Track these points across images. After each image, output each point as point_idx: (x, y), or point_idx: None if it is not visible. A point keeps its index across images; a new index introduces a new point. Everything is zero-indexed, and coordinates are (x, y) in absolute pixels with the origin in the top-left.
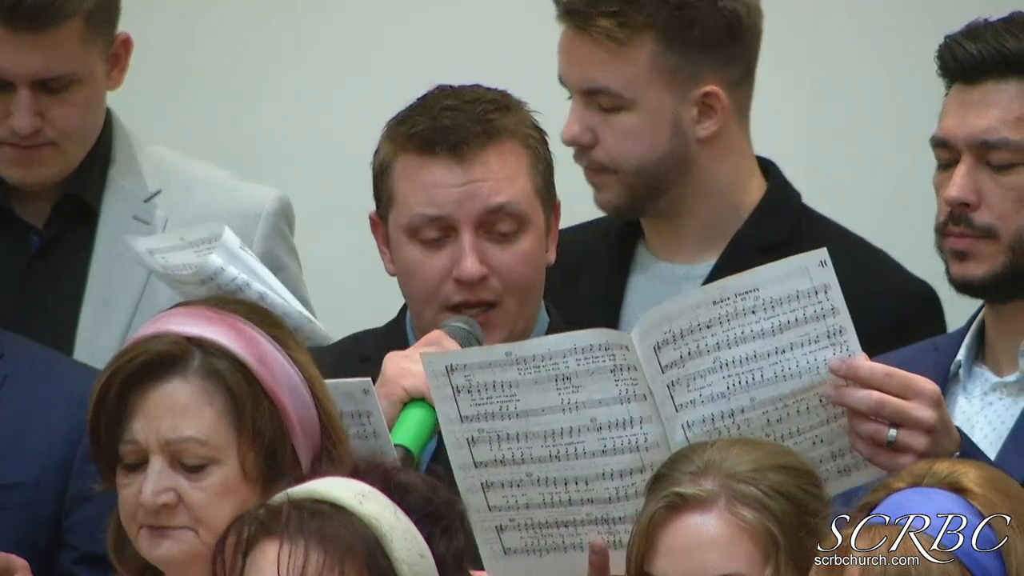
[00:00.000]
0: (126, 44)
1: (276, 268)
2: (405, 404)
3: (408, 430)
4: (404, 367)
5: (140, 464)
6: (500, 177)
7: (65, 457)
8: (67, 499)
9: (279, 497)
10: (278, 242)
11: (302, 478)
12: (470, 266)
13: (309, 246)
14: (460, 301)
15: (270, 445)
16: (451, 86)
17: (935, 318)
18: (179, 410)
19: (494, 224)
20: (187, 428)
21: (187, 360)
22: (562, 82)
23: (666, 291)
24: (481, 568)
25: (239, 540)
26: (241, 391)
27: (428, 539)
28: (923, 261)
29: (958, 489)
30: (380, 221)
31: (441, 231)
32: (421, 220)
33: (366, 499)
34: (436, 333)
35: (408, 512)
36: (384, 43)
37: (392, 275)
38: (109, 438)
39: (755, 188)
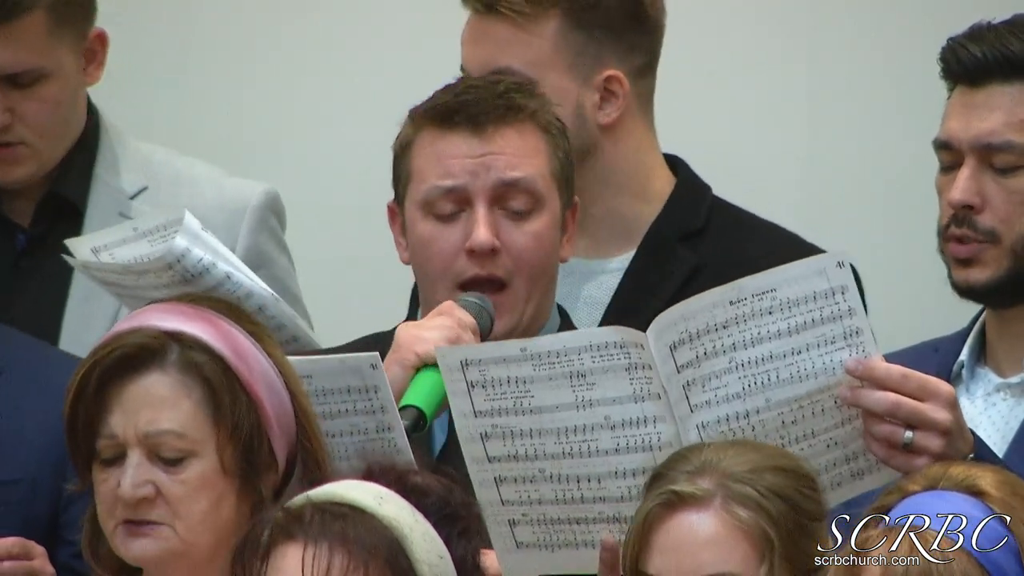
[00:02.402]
0: (101, 39)
1: (264, 262)
2: (418, 370)
3: (420, 392)
4: (416, 334)
5: (117, 459)
6: (517, 152)
7: (60, 452)
8: (63, 495)
9: (299, 499)
10: (265, 236)
11: (316, 481)
12: (482, 235)
13: (301, 242)
14: (471, 276)
15: (247, 439)
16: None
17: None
18: (157, 403)
19: (508, 199)
20: (165, 421)
21: (165, 353)
22: (464, 71)
23: (584, 286)
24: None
25: (259, 543)
26: (219, 384)
27: (447, 541)
28: (923, 262)
29: (976, 492)
30: (397, 208)
31: (456, 204)
32: (436, 192)
33: (385, 501)
34: (448, 304)
35: (426, 514)
36: (378, 41)
37: (406, 263)
38: (86, 433)
39: (662, 181)
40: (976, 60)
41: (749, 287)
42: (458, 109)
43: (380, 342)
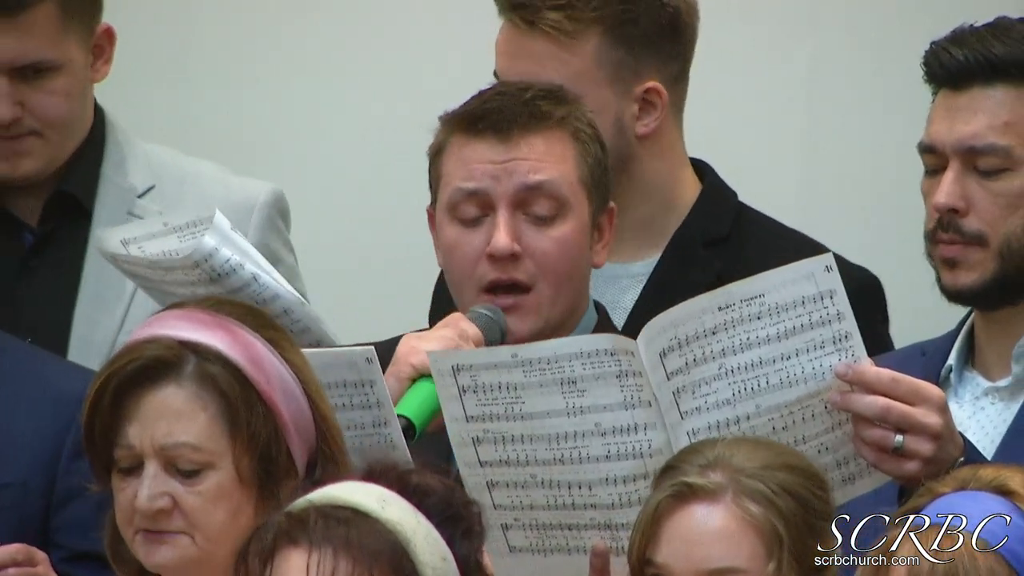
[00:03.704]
0: (109, 35)
1: (272, 261)
2: (413, 381)
3: (413, 403)
4: (414, 345)
5: (135, 468)
6: (541, 158)
7: (52, 456)
8: (55, 498)
9: (300, 503)
10: (272, 235)
11: (318, 482)
12: (502, 240)
13: (302, 242)
14: (493, 280)
15: (265, 449)
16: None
17: (879, 304)
18: (173, 416)
19: (531, 204)
20: (181, 434)
21: (181, 365)
22: (498, 79)
23: (608, 291)
24: None
25: (262, 548)
26: (235, 396)
27: (449, 541)
28: (920, 264)
29: (1006, 492)
30: (434, 213)
31: (480, 208)
32: (460, 196)
33: (388, 504)
34: (456, 316)
35: (428, 515)
36: (378, 41)
37: (442, 267)
38: (104, 442)
39: (690, 186)
40: (958, 64)
41: (738, 292)
42: (484, 115)
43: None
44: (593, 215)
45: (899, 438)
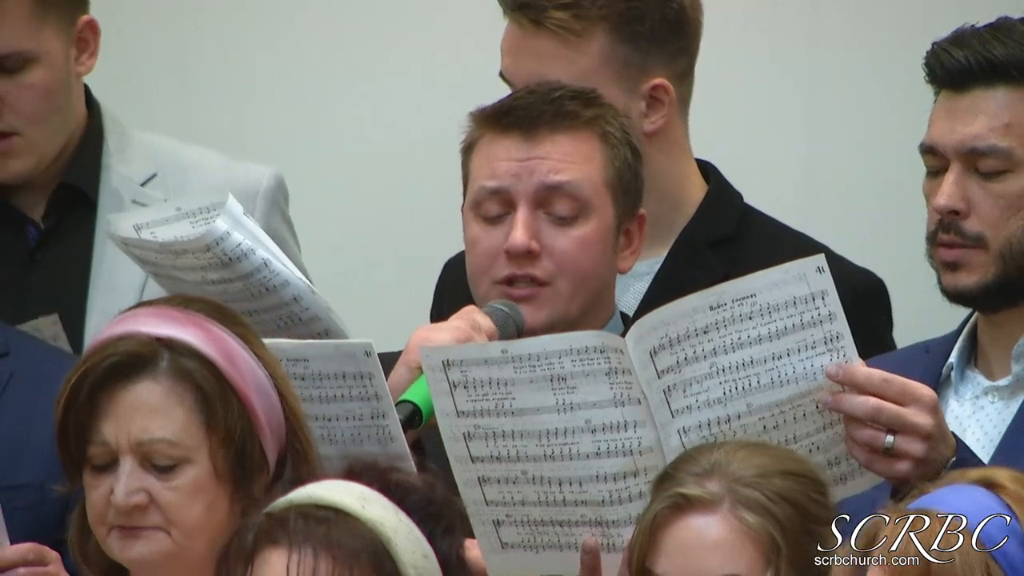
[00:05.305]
0: (92, 27)
1: (280, 246)
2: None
3: (420, 391)
4: (425, 335)
5: (109, 465)
6: (565, 158)
7: None
8: (72, 500)
9: (281, 503)
10: (278, 220)
11: (298, 481)
12: (519, 237)
13: (304, 236)
14: (508, 274)
15: (240, 443)
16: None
17: (883, 307)
18: (149, 411)
19: (552, 203)
20: (158, 429)
21: (156, 361)
22: (505, 80)
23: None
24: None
25: (243, 549)
26: (211, 391)
27: (430, 539)
28: (920, 264)
29: (990, 485)
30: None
31: (502, 206)
32: (483, 193)
33: (368, 503)
34: (470, 308)
35: (409, 513)
36: (380, 38)
37: None
38: (78, 439)
39: (696, 186)
40: (959, 65)
41: (729, 292)
42: (510, 111)
43: None
44: (619, 219)
45: (889, 438)
